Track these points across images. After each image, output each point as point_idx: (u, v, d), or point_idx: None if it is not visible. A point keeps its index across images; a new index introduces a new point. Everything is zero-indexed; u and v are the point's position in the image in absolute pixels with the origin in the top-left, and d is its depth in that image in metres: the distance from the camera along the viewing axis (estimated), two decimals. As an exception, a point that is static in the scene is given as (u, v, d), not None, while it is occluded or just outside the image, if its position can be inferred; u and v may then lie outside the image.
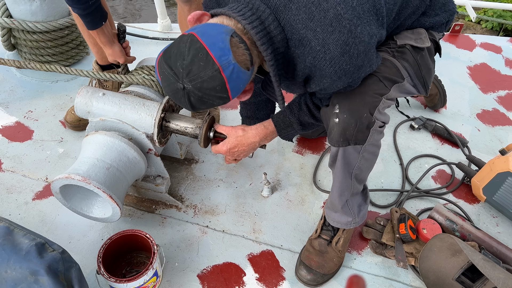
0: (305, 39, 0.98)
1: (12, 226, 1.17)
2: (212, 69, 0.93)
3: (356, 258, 1.49)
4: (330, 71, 1.01)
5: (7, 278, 1.09)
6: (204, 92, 0.96)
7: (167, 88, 0.99)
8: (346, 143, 1.14)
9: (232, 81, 0.96)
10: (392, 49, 1.19)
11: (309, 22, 0.96)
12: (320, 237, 1.45)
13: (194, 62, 0.93)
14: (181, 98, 0.99)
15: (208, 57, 0.92)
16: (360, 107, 1.10)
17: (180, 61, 0.94)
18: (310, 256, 1.42)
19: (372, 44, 1.02)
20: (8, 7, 1.93)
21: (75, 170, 1.28)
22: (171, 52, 0.96)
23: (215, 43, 0.93)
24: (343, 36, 0.95)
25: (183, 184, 1.69)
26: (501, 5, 3.00)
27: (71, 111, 1.85)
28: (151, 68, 1.59)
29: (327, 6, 0.94)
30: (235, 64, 0.94)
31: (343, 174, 1.24)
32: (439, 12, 1.23)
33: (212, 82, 0.94)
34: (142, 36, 2.43)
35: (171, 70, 0.96)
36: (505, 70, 2.45)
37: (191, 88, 0.95)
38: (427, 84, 1.25)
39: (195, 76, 0.94)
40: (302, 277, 1.40)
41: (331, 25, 0.95)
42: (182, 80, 0.95)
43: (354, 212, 1.37)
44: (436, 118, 2.06)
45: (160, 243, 1.48)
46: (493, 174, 1.58)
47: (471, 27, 4.74)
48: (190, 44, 0.93)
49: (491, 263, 1.29)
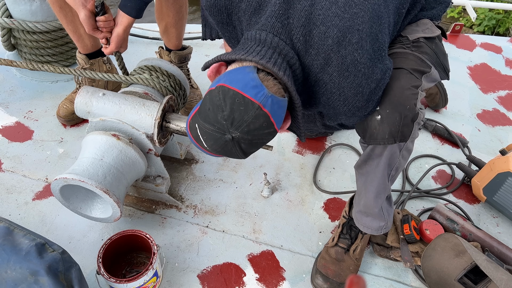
0: (321, 81, 1.02)
1: (12, 227, 1.17)
2: (253, 109, 0.92)
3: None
4: (344, 110, 1.06)
5: (7, 278, 1.09)
6: (253, 134, 0.95)
7: (215, 145, 0.97)
8: (392, 140, 1.10)
9: (274, 113, 0.95)
10: (407, 45, 1.19)
11: (326, 67, 0.99)
12: (337, 245, 1.43)
13: (234, 110, 0.92)
14: (231, 149, 0.97)
15: (246, 99, 0.92)
16: (402, 100, 1.07)
17: (220, 114, 0.93)
18: (327, 264, 1.40)
19: (386, 78, 1.05)
20: (8, 7, 1.93)
21: (75, 170, 1.28)
22: (206, 110, 0.95)
23: (246, 84, 0.93)
24: (358, 80, 0.99)
25: (183, 184, 1.69)
26: (501, 5, 3.00)
27: (63, 105, 1.84)
28: (151, 68, 1.59)
29: (345, 52, 0.97)
30: (272, 96, 0.94)
31: (382, 175, 1.20)
32: (435, 5, 1.25)
33: (257, 121, 0.93)
34: (142, 36, 2.43)
35: (213, 127, 0.94)
36: (505, 70, 2.45)
37: (239, 135, 0.94)
38: (447, 69, 1.26)
39: (240, 122, 0.93)
40: (319, 286, 1.38)
41: (347, 70, 0.98)
42: (228, 131, 0.94)
43: (386, 216, 1.34)
44: (436, 118, 2.05)
45: (160, 243, 1.48)
46: (493, 174, 1.58)
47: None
48: (223, 95, 0.93)
49: (494, 264, 1.29)
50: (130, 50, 2.32)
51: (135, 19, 1.36)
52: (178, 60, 1.87)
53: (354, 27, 0.95)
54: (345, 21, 0.95)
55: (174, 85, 1.60)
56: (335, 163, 1.82)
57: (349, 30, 0.95)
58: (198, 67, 2.14)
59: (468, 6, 2.73)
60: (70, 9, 1.59)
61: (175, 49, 1.86)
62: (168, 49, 1.88)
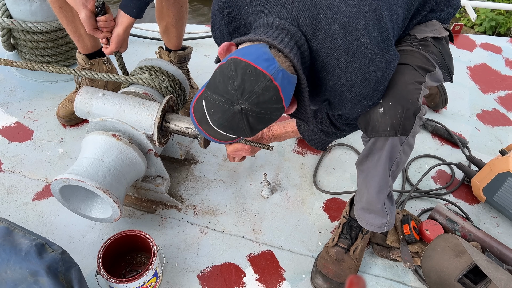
0: (328, 66, 1.03)
1: (12, 227, 1.17)
2: (264, 81, 0.92)
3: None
4: (350, 96, 1.06)
5: (7, 278, 1.09)
6: (262, 107, 0.94)
7: (222, 118, 0.96)
8: (393, 132, 1.10)
9: (284, 88, 0.95)
10: (414, 43, 1.20)
11: (333, 52, 1.00)
12: (338, 245, 1.43)
13: (245, 80, 0.92)
14: (239, 123, 0.96)
15: (257, 71, 0.92)
16: (405, 93, 1.08)
17: (230, 85, 0.93)
18: (327, 264, 1.40)
19: (391, 68, 1.06)
20: (8, 7, 1.93)
21: (75, 170, 1.28)
22: (216, 82, 0.95)
23: (258, 57, 0.93)
24: (364, 65, 1.00)
25: (183, 185, 1.69)
26: (501, 6, 3.00)
27: (63, 106, 1.84)
28: (151, 68, 1.59)
29: (351, 37, 0.97)
30: (283, 70, 0.94)
31: (383, 169, 1.20)
32: (444, 8, 1.26)
33: (267, 93, 0.93)
34: (142, 37, 2.43)
35: (223, 97, 0.94)
36: (505, 71, 2.46)
37: (249, 106, 0.93)
38: (451, 71, 1.27)
39: (250, 93, 0.92)
40: (319, 286, 1.38)
41: (354, 55, 0.99)
42: (237, 102, 0.93)
43: (388, 213, 1.33)
44: (436, 118, 2.06)
45: (160, 243, 1.48)
46: (493, 174, 1.58)
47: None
48: (234, 66, 0.93)
49: (494, 265, 1.29)
50: (130, 50, 2.32)
51: (136, 19, 1.37)
52: (178, 60, 1.87)
53: (360, 14, 0.96)
54: (351, 7, 0.96)
55: (174, 85, 1.60)
56: (335, 163, 1.82)
57: (356, 16, 0.96)
58: (198, 67, 2.15)
59: (468, 6, 2.73)
60: (71, 9, 1.59)
61: (175, 49, 1.86)
62: (168, 49, 1.88)
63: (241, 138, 1.13)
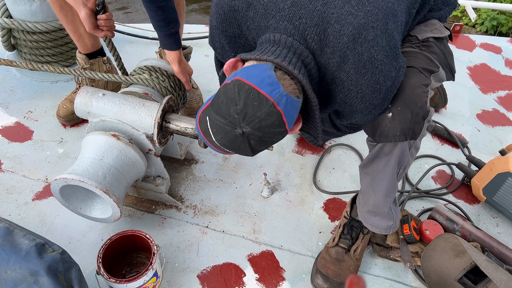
0: (338, 79, 1.02)
1: (12, 227, 1.17)
2: (267, 106, 0.92)
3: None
4: (361, 107, 1.06)
5: (7, 278, 1.09)
6: (264, 131, 0.94)
7: (224, 139, 0.97)
8: (403, 137, 1.10)
9: (287, 112, 0.95)
10: (416, 44, 1.19)
11: (343, 65, 0.99)
12: (338, 245, 1.43)
13: (247, 104, 0.91)
14: (240, 145, 0.96)
15: (260, 95, 0.91)
16: (413, 98, 1.08)
17: (233, 108, 0.92)
18: (327, 264, 1.40)
19: (400, 76, 1.06)
20: (8, 7, 1.93)
21: (75, 170, 1.28)
22: (220, 103, 0.95)
23: (262, 81, 0.92)
24: (375, 76, 0.99)
25: (183, 185, 1.69)
26: (501, 6, 3.00)
27: (63, 105, 1.84)
28: (150, 68, 1.59)
29: (361, 49, 0.96)
30: (287, 95, 0.93)
31: (392, 173, 1.20)
32: (442, 7, 1.26)
33: (270, 118, 0.93)
34: (142, 37, 2.43)
35: (225, 120, 0.94)
36: (505, 71, 2.46)
37: (250, 130, 0.93)
38: (453, 69, 1.27)
39: (252, 117, 0.92)
40: (319, 286, 1.38)
41: (364, 67, 0.98)
42: (239, 126, 0.93)
43: (394, 215, 1.33)
44: (436, 118, 2.06)
45: (160, 243, 1.48)
46: (493, 174, 1.58)
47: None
48: (238, 88, 0.92)
49: (494, 265, 1.29)
50: (130, 50, 2.33)
51: (179, 49, 1.50)
52: (178, 60, 1.87)
53: (369, 24, 0.95)
54: (359, 19, 0.95)
55: (174, 86, 1.60)
56: (335, 163, 1.82)
57: (364, 27, 0.95)
58: (198, 67, 2.15)
59: (467, 6, 2.73)
60: (71, 8, 1.59)
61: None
62: None
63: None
